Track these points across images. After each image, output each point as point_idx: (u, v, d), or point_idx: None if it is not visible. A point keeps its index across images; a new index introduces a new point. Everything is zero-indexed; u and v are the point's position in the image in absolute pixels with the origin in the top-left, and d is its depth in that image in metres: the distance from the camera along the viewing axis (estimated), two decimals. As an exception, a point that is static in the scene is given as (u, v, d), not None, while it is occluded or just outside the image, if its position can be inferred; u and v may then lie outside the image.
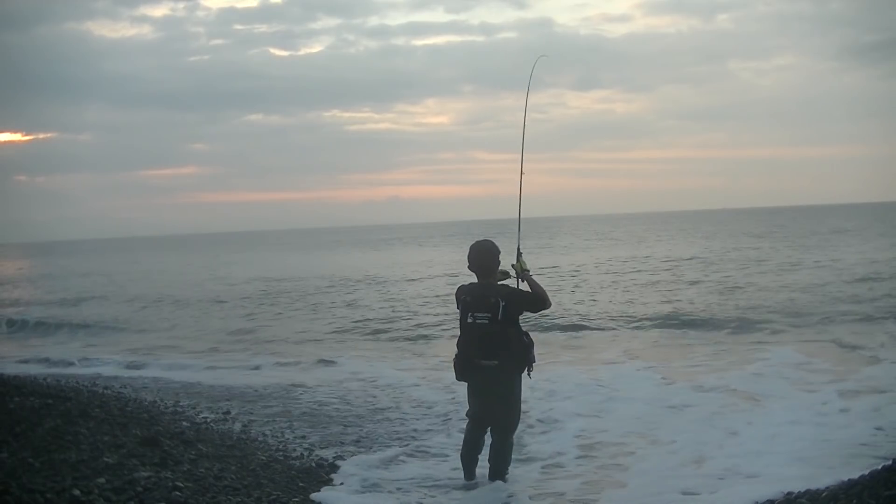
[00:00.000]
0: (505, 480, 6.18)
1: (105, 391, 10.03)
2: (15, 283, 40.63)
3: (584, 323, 16.62)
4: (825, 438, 7.19)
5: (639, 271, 28.73)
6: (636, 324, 16.24)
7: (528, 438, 7.61)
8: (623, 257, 36.40)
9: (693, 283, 23.61)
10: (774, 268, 26.83)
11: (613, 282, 25.46)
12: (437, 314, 19.00)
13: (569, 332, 15.61)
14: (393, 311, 20.41)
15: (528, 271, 6.13)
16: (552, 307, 6.55)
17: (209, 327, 19.18)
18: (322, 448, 7.41)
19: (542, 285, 6.06)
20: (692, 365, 11.72)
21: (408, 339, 16.07)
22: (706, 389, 9.72)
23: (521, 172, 6.69)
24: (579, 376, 10.99)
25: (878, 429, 7.40)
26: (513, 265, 6.14)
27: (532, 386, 7.68)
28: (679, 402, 9.18)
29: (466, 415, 6.34)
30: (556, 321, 16.52)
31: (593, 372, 11.29)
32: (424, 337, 16.07)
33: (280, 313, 21.53)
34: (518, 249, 6.20)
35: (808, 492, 5.18)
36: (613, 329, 15.90)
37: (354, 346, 15.55)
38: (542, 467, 6.85)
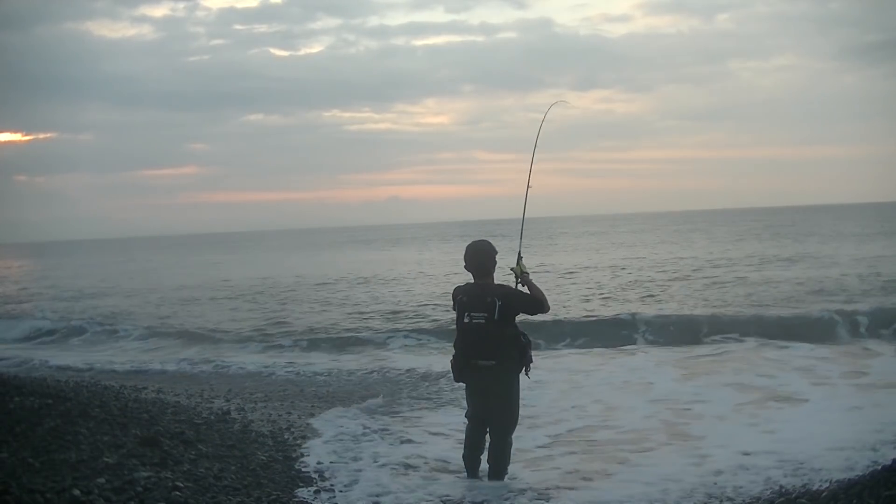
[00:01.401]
0: (504, 480, 6.17)
1: (105, 391, 10.03)
2: (19, 282, 40.56)
3: (588, 322, 16.61)
4: (827, 437, 7.20)
5: (643, 270, 28.73)
6: (642, 323, 16.23)
7: (529, 436, 7.60)
8: (627, 257, 36.39)
9: (695, 281, 23.60)
10: (777, 266, 26.87)
11: (616, 279, 25.47)
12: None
13: (575, 331, 15.58)
14: (409, 308, 20.29)
15: (528, 274, 6.13)
16: (552, 309, 6.53)
17: (240, 325, 18.87)
18: (322, 447, 7.40)
19: (541, 288, 6.06)
20: (702, 361, 11.80)
21: (426, 335, 15.92)
22: (718, 385, 9.81)
23: (530, 173, 6.65)
24: (589, 372, 11.04)
25: (879, 426, 7.42)
26: (512, 268, 6.13)
27: (534, 384, 7.68)
28: (688, 398, 9.25)
29: (466, 416, 6.34)
30: (564, 318, 16.52)
31: (603, 368, 11.35)
32: (446, 336, 15.72)
33: (294, 309, 21.55)
34: (519, 253, 6.19)
35: (808, 492, 5.19)
36: (620, 328, 15.89)
37: (363, 344, 15.55)
38: (537, 465, 6.86)
